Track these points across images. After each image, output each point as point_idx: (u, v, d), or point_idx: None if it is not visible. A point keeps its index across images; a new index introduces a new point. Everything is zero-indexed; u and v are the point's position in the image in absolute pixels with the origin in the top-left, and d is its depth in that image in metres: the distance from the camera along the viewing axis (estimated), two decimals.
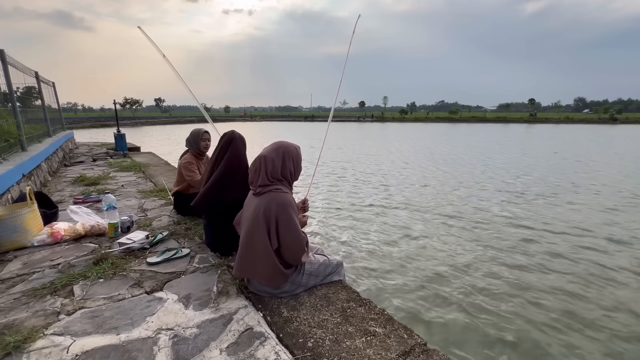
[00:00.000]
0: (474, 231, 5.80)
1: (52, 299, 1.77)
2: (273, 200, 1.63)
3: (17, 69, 4.98)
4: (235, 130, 2.35)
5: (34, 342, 1.43)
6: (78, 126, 40.68)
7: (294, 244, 1.66)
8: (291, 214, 1.64)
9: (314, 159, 13.39)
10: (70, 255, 2.34)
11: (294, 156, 1.74)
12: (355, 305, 1.74)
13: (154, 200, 3.84)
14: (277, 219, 1.62)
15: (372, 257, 4.77)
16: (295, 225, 1.64)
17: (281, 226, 1.63)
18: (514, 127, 52.11)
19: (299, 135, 30.19)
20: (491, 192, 8.67)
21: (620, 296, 3.77)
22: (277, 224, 1.63)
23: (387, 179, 10.55)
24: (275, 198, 1.64)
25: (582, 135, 33.96)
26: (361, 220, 6.43)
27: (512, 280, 4.10)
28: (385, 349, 1.40)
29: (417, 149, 19.93)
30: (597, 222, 6.30)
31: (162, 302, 1.74)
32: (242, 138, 2.33)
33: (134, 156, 8.02)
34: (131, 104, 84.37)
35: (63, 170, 5.96)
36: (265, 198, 1.65)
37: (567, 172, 11.84)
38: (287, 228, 1.63)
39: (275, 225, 1.63)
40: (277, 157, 1.69)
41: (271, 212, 1.62)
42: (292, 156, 1.73)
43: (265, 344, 1.44)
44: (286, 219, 1.62)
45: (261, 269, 1.69)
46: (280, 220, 1.62)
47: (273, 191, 1.66)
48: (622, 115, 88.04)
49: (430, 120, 78.62)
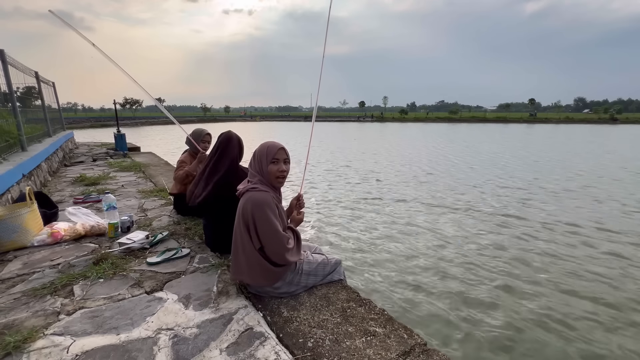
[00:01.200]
0: (474, 231, 5.80)
1: (52, 299, 1.77)
2: (249, 200, 1.64)
3: (17, 69, 4.98)
4: (231, 131, 2.35)
5: (34, 342, 1.43)
6: (78, 126, 40.69)
7: (273, 242, 1.64)
8: (266, 213, 1.62)
9: (310, 156, 13.44)
10: (70, 255, 2.34)
11: (258, 152, 1.77)
12: (355, 305, 1.74)
13: (154, 200, 3.84)
14: (254, 219, 1.62)
15: (372, 256, 4.77)
16: (271, 224, 1.62)
17: (259, 225, 1.63)
18: (514, 127, 52.10)
19: (298, 135, 30.18)
20: (492, 190, 8.68)
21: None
22: (255, 224, 1.63)
23: (387, 177, 10.56)
24: (250, 197, 1.65)
25: (574, 135, 34.05)
26: (361, 220, 6.43)
27: (514, 280, 4.10)
28: (385, 349, 1.40)
29: (418, 148, 19.96)
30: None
31: (162, 302, 1.74)
32: (237, 138, 2.32)
33: (134, 156, 8.02)
34: (131, 104, 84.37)
35: (63, 170, 5.96)
36: (244, 198, 1.68)
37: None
38: (264, 227, 1.62)
39: (253, 224, 1.63)
40: (253, 155, 1.76)
41: (247, 211, 1.63)
42: (257, 153, 1.77)
43: (265, 344, 1.44)
44: (262, 217, 1.61)
45: (250, 269, 1.69)
46: (257, 219, 1.62)
47: (250, 190, 1.67)
48: (622, 115, 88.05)
49: (430, 120, 78.62)
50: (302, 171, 3.00)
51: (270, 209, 1.64)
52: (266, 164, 1.70)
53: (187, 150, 3.26)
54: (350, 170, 12.16)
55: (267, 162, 1.70)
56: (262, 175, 1.72)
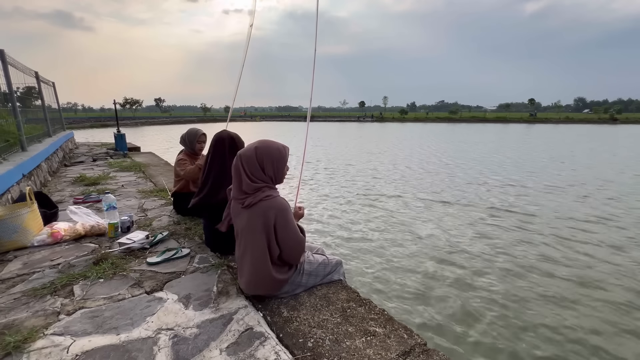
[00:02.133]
0: (476, 230, 5.80)
1: (52, 299, 1.77)
2: (271, 209, 1.55)
3: (17, 69, 4.98)
4: (226, 130, 2.34)
5: (34, 342, 1.43)
6: (78, 126, 40.69)
7: (294, 247, 1.64)
8: (289, 218, 1.60)
9: (307, 157, 13.51)
10: (70, 255, 2.34)
11: (275, 158, 1.60)
12: (355, 305, 1.74)
13: (154, 200, 3.84)
14: (276, 227, 1.57)
15: (372, 256, 4.77)
16: (293, 228, 1.62)
17: (280, 232, 1.58)
18: (513, 127, 52.10)
19: (298, 134, 30.16)
20: (494, 188, 8.68)
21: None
22: (276, 232, 1.58)
23: (386, 176, 10.56)
24: (272, 207, 1.56)
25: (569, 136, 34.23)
26: (361, 219, 6.43)
27: (514, 281, 4.10)
28: (385, 349, 1.40)
29: (420, 147, 19.98)
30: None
31: (162, 302, 1.74)
32: (236, 137, 2.32)
33: (134, 156, 8.02)
34: (131, 104, 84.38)
35: (63, 170, 5.95)
36: (259, 209, 1.56)
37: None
38: (287, 233, 1.59)
39: (274, 234, 1.58)
40: (256, 156, 1.58)
41: (270, 220, 1.55)
42: (273, 159, 1.59)
43: (265, 344, 1.44)
44: (284, 224, 1.58)
45: (262, 284, 1.68)
46: (279, 226, 1.58)
47: (264, 200, 1.56)
48: (622, 115, 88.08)
49: (430, 121, 78.67)
50: (298, 176, 2.99)
51: (290, 214, 1.62)
52: (284, 169, 1.66)
53: (182, 151, 3.25)
54: (350, 170, 12.15)
55: (284, 167, 1.66)
56: (277, 180, 1.65)
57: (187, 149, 3.20)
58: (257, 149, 1.59)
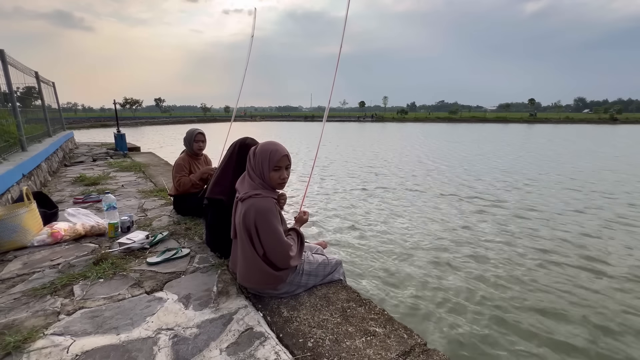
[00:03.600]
0: (476, 229, 5.80)
1: (52, 299, 1.77)
2: (252, 207, 1.57)
3: (17, 69, 4.98)
4: (249, 137, 2.33)
5: (34, 342, 1.43)
6: (78, 126, 40.69)
7: (277, 250, 1.62)
8: (270, 220, 1.58)
9: (311, 158, 13.55)
10: (70, 255, 2.34)
11: (262, 158, 1.64)
12: (355, 305, 1.74)
13: (154, 200, 3.84)
14: (257, 227, 1.58)
15: (372, 256, 4.77)
16: (274, 231, 1.59)
17: (262, 233, 1.58)
18: (513, 127, 52.11)
19: (298, 134, 30.15)
20: (497, 186, 8.68)
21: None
22: (258, 232, 1.58)
23: (387, 176, 10.56)
24: (253, 204, 1.58)
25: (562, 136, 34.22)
26: (361, 220, 6.43)
27: (517, 283, 4.10)
28: (385, 349, 1.40)
29: (420, 146, 20.00)
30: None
31: (162, 302, 1.74)
32: (252, 145, 2.31)
33: (134, 156, 8.02)
34: (131, 104, 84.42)
35: (63, 170, 5.95)
36: (246, 204, 1.60)
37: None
38: (267, 235, 1.58)
39: (256, 232, 1.58)
40: (253, 153, 1.67)
41: (250, 219, 1.57)
42: (259, 158, 1.64)
43: (265, 344, 1.44)
44: (265, 226, 1.57)
45: (253, 275, 1.68)
46: (260, 227, 1.57)
47: (253, 197, 1.59)
48: (622, 115, 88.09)
49: (430, 120, 78.67)
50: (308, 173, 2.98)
51: (274, 216, 1.60)
52: (268, 171, 1.63)
53: (184, 151, 3.28)
54: (350, 170, 12.16)
55: (269, 168, 1.62)
56: (264, 179, 1.65)
57: (188, 149, 3.24)
58: (256, 147, 1.68)
